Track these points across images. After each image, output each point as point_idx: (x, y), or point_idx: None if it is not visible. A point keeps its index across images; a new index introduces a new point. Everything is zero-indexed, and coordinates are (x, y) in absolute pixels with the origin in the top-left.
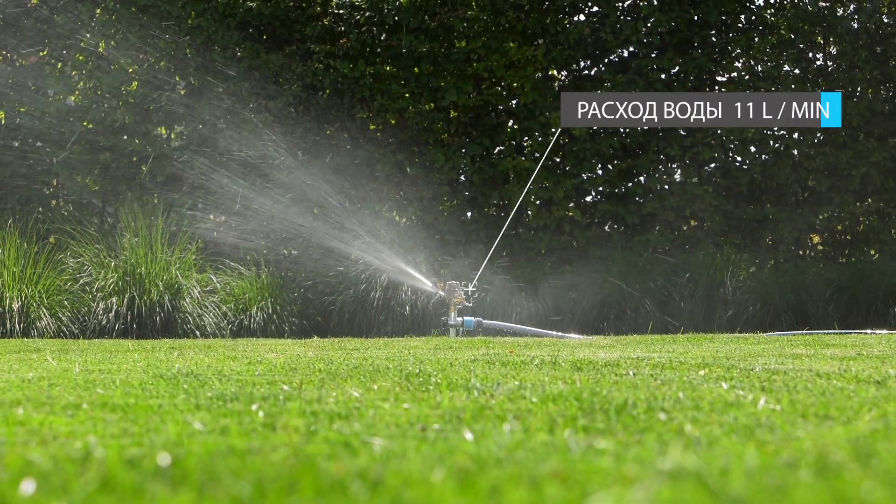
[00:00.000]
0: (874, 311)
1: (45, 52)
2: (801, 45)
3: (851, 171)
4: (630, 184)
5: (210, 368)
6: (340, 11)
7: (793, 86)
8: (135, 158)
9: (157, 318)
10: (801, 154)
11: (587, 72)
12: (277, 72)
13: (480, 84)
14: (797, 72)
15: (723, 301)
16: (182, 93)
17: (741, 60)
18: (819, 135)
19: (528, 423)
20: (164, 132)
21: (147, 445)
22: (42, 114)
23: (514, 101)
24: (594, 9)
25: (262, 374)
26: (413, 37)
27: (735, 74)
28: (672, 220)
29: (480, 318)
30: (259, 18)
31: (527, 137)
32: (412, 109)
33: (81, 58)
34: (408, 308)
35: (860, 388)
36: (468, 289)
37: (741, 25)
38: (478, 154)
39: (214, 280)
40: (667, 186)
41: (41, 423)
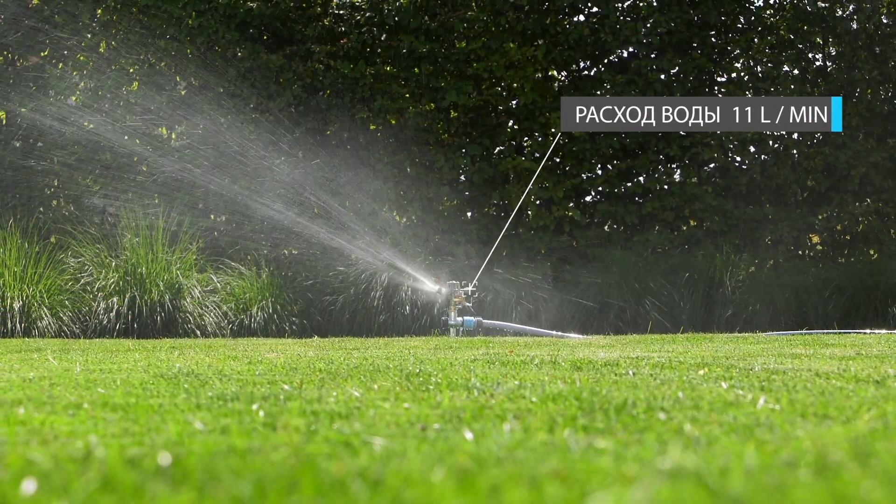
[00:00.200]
0: (873, 311)
1: (46, 53)
2: (801, 46)
3: (851, 172)
4: (629, 184)
5: (211, 368)
6: (341, 12)
7: (792, 86)
8: (135, 158)
9: (158, 318)
10: (801, 154)
11: (587, 72)
12: (278, 72)
13: (480, 84)
14: (796, 72)
15: (722, 301)
16: (183, 93)
17: (740, 61)
18: (818, 135)
19: (528, 423)
20: (165, 132)
21: (148, 445)
22: (43, 114)
23: (514, 102)
24: (594, 9)
25: (263, 374)
26: (413, 37)
27: (734, 75)
28: (671, 220)
29: (480, 318)
30: (260, 19)
31: (527, 138)
32: (412, 110)
33: (82, 58)
34: (408, 308)
35: (859, 388)
36: (468, 288)
37: (740, 26)
38: (478, 154)
39: (215, 280)
40: (666, 186)
41: (42, 423)
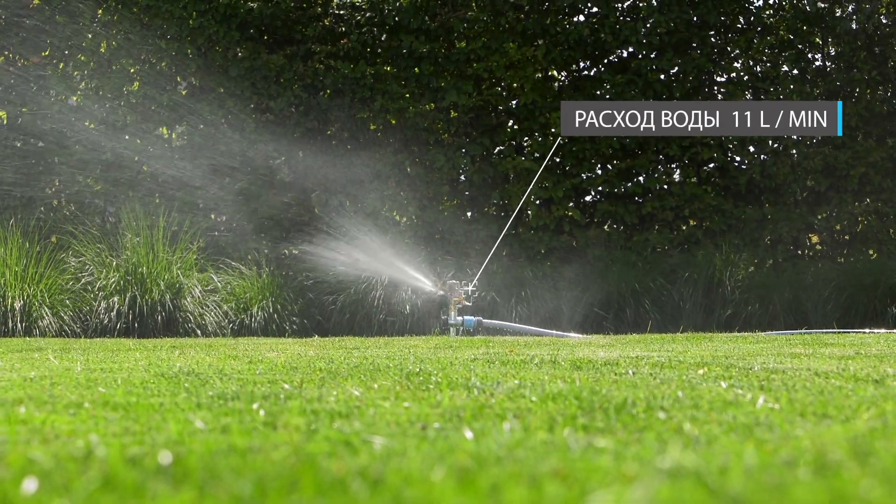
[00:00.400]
0: (872, 311)
1: (47, 53)
2: (800, 46)
3: (850, 171)
4: (629, 184)
5: (211, 367)
6: (341, 12)
7: (791, 86)
8: (136, 158)
9: (159, 318)
10: (800, 154)
11: (587, 72)
12: (278, 72)
13: (480, 84)
14: (796, 72)
15: (721, 300)
16: (183, 93)
17: (740, 61)
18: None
19: (528, 422)
20: (166, 132)
21: (148, 444)
22: (44, 114)
23: (514, 102)
24: (594, 9)
25: (263, 373)
26: (413, 37)
27: (734, 75)
28: (671, 220)
29: (480, 318)
30: (260, 19)
31: (527, 138)
32: (412, 110)
33: (83, 58)
34: (408, 307)
35: (858, 387)
36: (468, 288)
37: (740, 26)
38: (478, 154)
39: (215, 279)
40: (666, 186)
41: (43, 422)
